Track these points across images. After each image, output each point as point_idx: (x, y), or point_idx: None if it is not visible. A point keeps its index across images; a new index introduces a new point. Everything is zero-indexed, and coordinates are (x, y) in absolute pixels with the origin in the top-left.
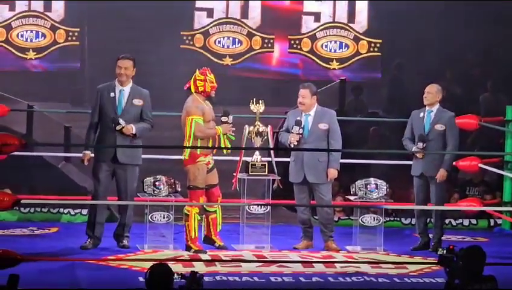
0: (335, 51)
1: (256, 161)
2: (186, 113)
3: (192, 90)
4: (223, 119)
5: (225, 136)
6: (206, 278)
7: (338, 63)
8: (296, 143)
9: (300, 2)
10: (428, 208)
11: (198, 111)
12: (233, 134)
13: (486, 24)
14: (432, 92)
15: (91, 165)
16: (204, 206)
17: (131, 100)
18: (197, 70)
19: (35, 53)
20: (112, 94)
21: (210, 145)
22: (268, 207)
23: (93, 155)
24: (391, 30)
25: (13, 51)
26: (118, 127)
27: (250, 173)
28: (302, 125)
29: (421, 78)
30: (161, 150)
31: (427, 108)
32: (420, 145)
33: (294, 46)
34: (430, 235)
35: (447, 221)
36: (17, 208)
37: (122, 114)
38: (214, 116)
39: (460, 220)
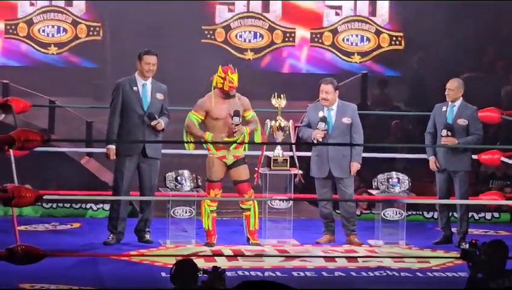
0: (356, 45)
1: (278, 156)
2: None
3: (213, 84)
4: (234, 121)
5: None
6: (228, 273)
7: (359, 57)
8: (320, 140)
9: None
10: (450, 202)
11: (199, 108)
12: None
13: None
14: (453, 88)
15: (114, 159)
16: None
17: (154, 94)
18: (220, 66)
19: (56, 48)
20: (135, 88)
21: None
22: (291, 202)
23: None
24: (412, 23)
25: (35, 46)
26: (153, 122)
27: (272, 168)
28: (326, 121)
29: (443, 72)
30: (182, 144)
31: (450, 102)
32: (444, 132)
33: (316, 39)
34: (453, 230)
35: (469, 214)
36: (40, 204)
37: (148, 108)
38: (232, 113)
39: (482, 214)
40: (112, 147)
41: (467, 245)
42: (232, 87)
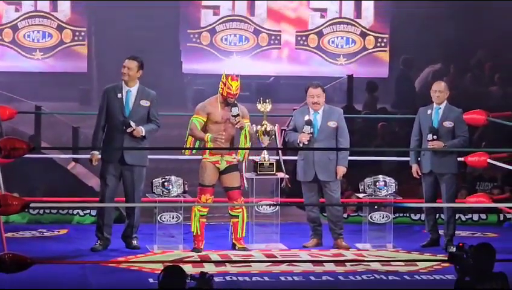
0: (342, 47)
1: (264, 160)
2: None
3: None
4: (233, 112)
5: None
6: (216, 279)
7: (345, 59)
8: (306, 143)
9: None
10: (437, 205)
11: (201, 111)
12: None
13: (495, 18)
14: (442, 90)
15: (99, 166)
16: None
17: (138, 101)
18: (224, 72)
19: (42, 53)
20: (119, 95)
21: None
22: (277, 206)
23: (100, 156)
24: (398, 25)
25: (20, 51)
26: (128, 130)
27: (258, 173)
28: (312, 125)
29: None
30: (169, 149)
31: (435, 105)
32: (430, 136)
33: (301, 42)
34: (440, 232)
35: (456, 216)
36: (26, 210)
37: (130, 115)
38: (230, 118)
39: (469, 215)
40: (96, 153)
41: (454, 248)
42: (230, 94)
